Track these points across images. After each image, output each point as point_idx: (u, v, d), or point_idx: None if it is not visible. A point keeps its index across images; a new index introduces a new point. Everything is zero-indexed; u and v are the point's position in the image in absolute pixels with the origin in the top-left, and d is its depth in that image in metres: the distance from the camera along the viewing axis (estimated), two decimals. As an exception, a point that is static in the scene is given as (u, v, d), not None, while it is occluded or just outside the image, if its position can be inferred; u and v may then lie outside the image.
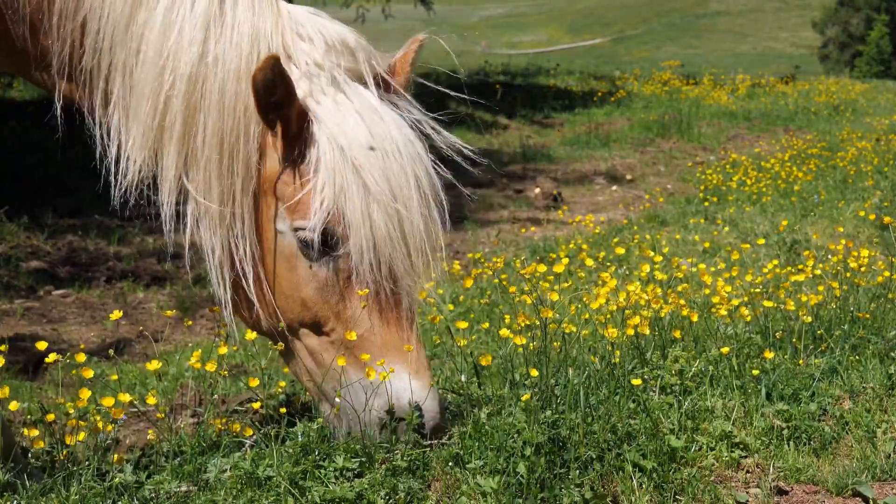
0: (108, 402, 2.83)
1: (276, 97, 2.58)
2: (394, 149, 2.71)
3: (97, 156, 2.73)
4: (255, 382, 3.21)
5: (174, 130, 2.63)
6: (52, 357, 2.84)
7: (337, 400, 2.76)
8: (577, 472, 2.78)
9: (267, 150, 2.69)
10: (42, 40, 2.72)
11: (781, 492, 2.97)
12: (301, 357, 2.83)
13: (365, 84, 2.78)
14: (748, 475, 3.05)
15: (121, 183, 2.70)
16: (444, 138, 2.91)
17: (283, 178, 2.69)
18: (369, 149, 2.66)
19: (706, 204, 11.00)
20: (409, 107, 2.89)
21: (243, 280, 2.71)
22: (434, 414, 2.76)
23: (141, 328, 6.83)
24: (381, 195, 2.66)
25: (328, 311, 2.74)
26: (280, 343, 2.86)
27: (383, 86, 2.83)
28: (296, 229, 2.69)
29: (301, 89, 2.67)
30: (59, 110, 2.76)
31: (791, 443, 3.21)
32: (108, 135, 2.71)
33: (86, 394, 2.78)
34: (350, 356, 2.74)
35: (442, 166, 2.88)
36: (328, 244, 2.68)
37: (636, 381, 3.33)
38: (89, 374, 2.86)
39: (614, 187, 13.13)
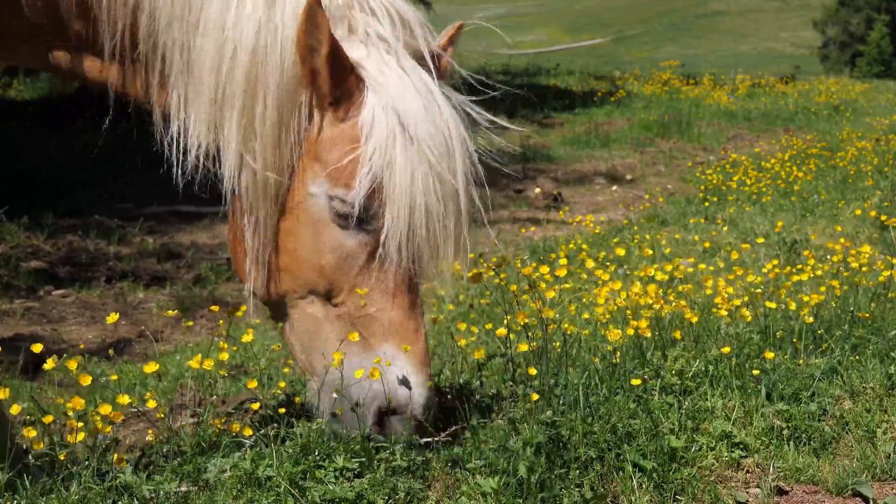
0: (105, 409, 2.81)
1: (311, 38, 2.52)
2: (446, 130, 2.67)
3: (157, 140, 2.68)
4: (253, 384, 3.21)
5: (235, 102, 2.59)
6: (50, 363, 2.83)
7: (327, 377, 2.70)
8: (577, 472, 2.78)
9: (313, 112, 2.65)
10: (81, 26, 2.67)
11: (781, 492, 2.98)
12: (298, 325, 2.79)
13: (422, 60, 2.74)
14: (748, 475, 3.05)
15: (182, 162, 2.65)
16: (490, 119, 2.87)
17: (329, 140, 2.64)
18: (427, 127, 2.62)
19: (706, 204, 11.00)
20: (452, 92, 2.84)
21: (266, 246, 2.69)
22: (422, 407, 2.70)
23: (141, 328, 6.83)
24: (431, 171, 2.61)
25: (344, 281, 2.69)
26: (276, 310, 2.82)
27: (435, 68, 2.78)
28: (333, 197, 2.64)
29: (356, 53, 2.63)
30: (112, 96, 2.73)
31: (791, 443, 3.21)
32: (168, 116, 2.67)
33: (80, 403, 2.75)
34: (354, 332, 2.69)
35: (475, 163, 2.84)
36: (364, 216, 2.63)
37: (636, 382, 3.33)
38: (87, 381, 2.84)
39: (614, 187, 13.13)
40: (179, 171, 2.65)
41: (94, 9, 2.64)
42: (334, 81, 2.59)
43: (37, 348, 2.93)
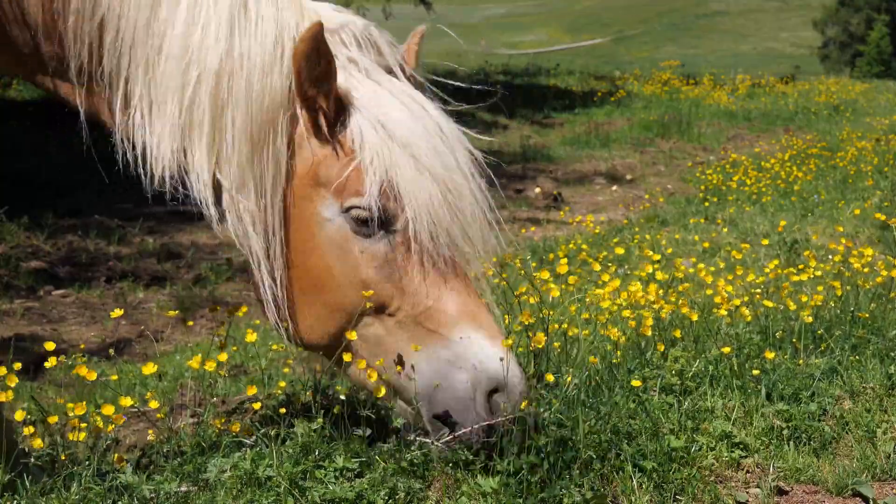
0: (108, 409, 2.81)
1: (319, 70, 2.54)
2: (435, 127, 2.70)
3: (119, 158, 2.68)
4: (252, 390, 3.20)
5: (203, 127, 2.59)
6: (51, 361, 2.83)
7: (419, 383, 2.63)
8: (577, 472, 2.78)
9: (298, 142, 2.66)
10: (50, 47, 2.68)
11: (781, 492, 2.98)
12: (365, 352, 2.73)
13: (393, 74, 2.77)
14: (748, 475, 3.05)
15: (148, 180, 2.66)
16: (463, 131, 2.87)
17: (325, 162, 2.65)
18: (415, 129, 2.65)
19: (706, 204, 11.01)
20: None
21: (276, 287, 2.66)
22: (520, 379, 2.66)
23: (141, 328, 6.83)
24: (432, 166, 2.64)
25: (391, 288, 2.66)
26: (329, 353, 2.76)
27: (406, 77, 2.82)
28: (348, 209, 2.63)
29: (339, 77, 2.64)
30: (83, 116, 2.72)
31: (791, 443, 3.21)
32: (130, 135, 2.67)
33: (81, 409, 2.75)
34: (423, 331, 2.66)
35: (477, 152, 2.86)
36: (384, 218, 2.64)
37: (636, 382, 3.33)
38: (92, 376, 2.85)
39: (614, 187, 13.13)
40: (148, 185, 2.66)
41: (60, 27, 2.64)
42: (338, 108, 2.63)
43: (50, 346, 2.93)
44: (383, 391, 2.72)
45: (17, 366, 2.75)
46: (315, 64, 2.54)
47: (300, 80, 2.57)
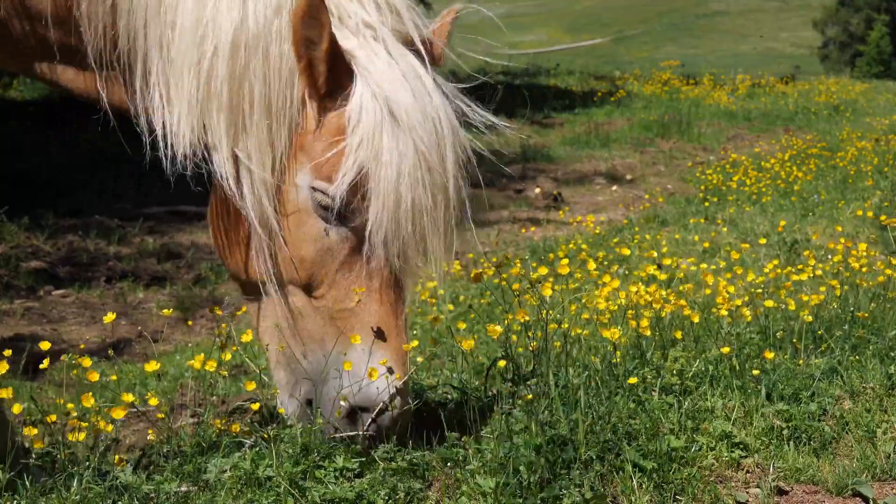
0: (117, 414, 2.81)
1: (311, 31, 2.49)
2: (436, 118, 2.63)
3: (144, 141, 2.64)
4: (251, 386, 3.20)
5: (221, 99, 2.55)
6: (45, 364, 2.83)
7: (305, 369, 2.68)
8: (577, 472, 2.78)
9: (305, 105, 2.61)
10: (60, 35, 2.65)
11: (781, 492, 2.97)
12: (275, 314, 2.74)
13: (412, 47, 2.69)
14: (748, 475, 3.05)
15: (172, 160, 2.61)
16: (480, 113, 2.81)
17: (315, 130, 2.60)
18: (417, 115, 2.57)
19: (706, 204, 11.01)
20: (445, 81, 2.79)
21: (272, 235, 2.64)
22: (398, 401, 2.65)
23: (141, 328, 6.83)
24: (420, 164, 2.57)
25: (324, 274, 2.65)
26: (252, 291, 2.77)
27: (427, 54, 2.73)
28: (315, 189, 2.60)
29: (348, 44, 2.59)
30: (105, 103, 2.68)
31: (791, 443, 3.21)
32: (151, 117, 2.64)
33: (89, 401, 2.75)
34: (332, 327, 2.67)
35: (477, 144, 2.79)
36: (345, 210, 2.59)
37: (635, 381, 3.33)
38: (94, 377, 2.84)
39: (614, 187, 13.13)
40: (169, 169, 2.62)
41: (74, 11, 2.61)
42: (331, 74, 2.56)
43: (45, 345, 2.93)
44: (273, 357, 2.77)
45: (4, 367, 2.73)
46: (307, 25, 2.48)
47: (296, 40, 2.51)
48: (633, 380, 3.31)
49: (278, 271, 2.69)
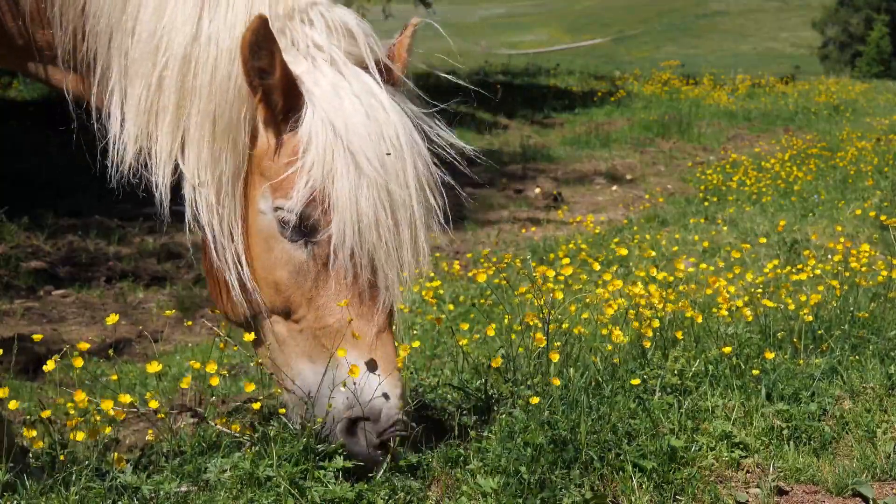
0: (107, 405, 2.81)
1: (261, 62, 2.51)
2: (392, 135, 2.64)
3: (98, 143, 2.69)
4: (251, 387, 3.20)
5: (168, 111, 2.59)
6: (50, 364, 2.83)
7: (292, 388, 2.70)
8: (578, 472, 2.78)
9: (258, 129, 2.63)
10: (42, 34, 2.70)
11: (781, 492, 2.98)
12: (268, 343, 2.76)
13: (366, 68, 2.70)
14: (748, 475, 3.05)
15: (117, 165, 2.65)
16: (441, 134, 2.82)
17: (270, 155, 2.63)
18: (368, 135, 2.59)
19: (706, 204, 11.01)
20: (407, 98, 2.80)
21: (233, 265, 2.66)
22: (395, 410, 2.64)
23: (141, 328, 6.83)
24: (374, 180, 2.58)
25: (300, 296, 2.66)
26: (251, 332, 2.81)
27: (385, 73, 2.74)
28: (276, 208, 2.62)
29: (299, 68, 2.61)
30: (70, 103, 2.72)
31: (791, 443, 3.21)
32: (108, 119, 2.67)
33: (81, 396, 2.76)
34: (317, 345, 2.67)
35: (439, 165, 2.79)
36: (307, 226, 2.61)
37: (636, 381, 3.33)
38: (79, 362, 2.84)
39: (614, 187, 13.13)
40: (113, 176, 2.65)
41: (49, 14, 2.66)
42: (286, 101, 2.58)
43: (37, 337, 2.92)
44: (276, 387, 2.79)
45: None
46: (256, 56, 2.49)
47: (245, 69, 2.53)
48: (635, 380, 3.31)
49: (256, 302, 2.71)
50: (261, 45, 2.49)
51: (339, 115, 2.59)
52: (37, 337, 2.90)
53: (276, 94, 2.57)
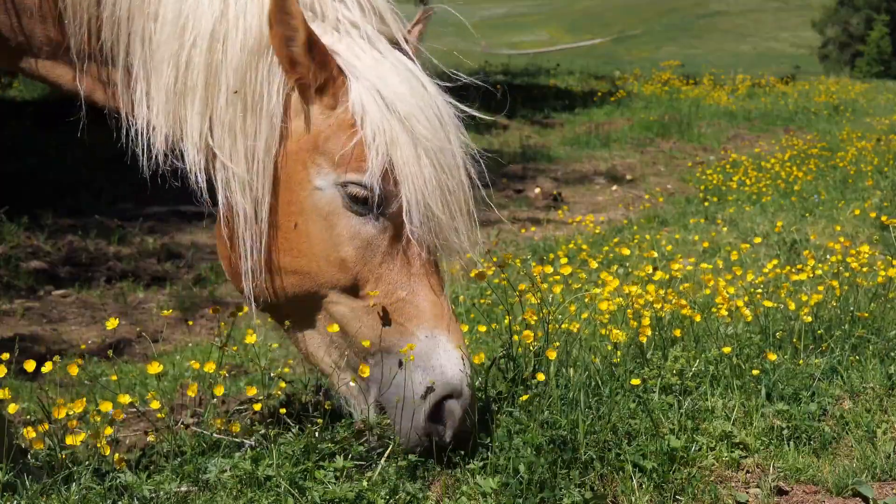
0: (106, 406, 2.81)
1: (286, 29, 2.49)
2: (434, 106, 2.65)
3: (124, 136, 2.65)
4: (252, 391, 3.20)
5: (196, 91, 2.56)
6: (48, 366, 2.83)
7: (367, 374, 2.62)
8: (577, 472, 2.78)
9: (294, 106, 2.61)
10: (45, 29, 2.66)
11: (781, 492, 2.98)
12: (322, 326, 2.70)
13: (397, 45, 2.72)
14: (748, 475, 3.05)
15: (147, 155, 2.61)
16: (463, 110, 2.83)
17: (325, 130, 2.60)
18: (417, 105, 2.60)
19: (706, 204, 11.00)
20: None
21: (259, 249, 2.61)
22: (468, 396, 2.63)
23: (141, 328, 6.83)
24: (429, 148, 2.59)
25: (368, 271, 2.62)
26: (285, 318, 2.74)
27: (410, 49, 2.77)
28: (345, 183, 2.58)
29: (331, 40, 2.60)
30: (83, 97, 2.68)
31: (791, 443, 3.21)
32: (133, 110, 2.64)
33: (80, 406, 2.75)
34: (388, 320, 2.63)
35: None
36: (378, 198, 2.59)
37: (636, 381, 3.33)
38: (74, 370, 2.83)
39: (614, 187, 13.13)
40: (146, 166, 2.62)
41: (60, 7, 2.62)
42: (317, 68, 2.56)
43: (36, 342, 2.93)
44: (331, 371, 2.72)
45: (2, 370, 2.73)
46: (280, 22, 2.49)
47: (275, 41, 2.52)
48: (636, 381, 3.31)
49: (317, 281, 2.65)
50: (283, 10, 2.47)
51: (386, 87, 2.59)
52: (35, 342, 2.90)
53: (303, 60, 2.54)
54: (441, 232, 2.65)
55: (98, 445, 2.79)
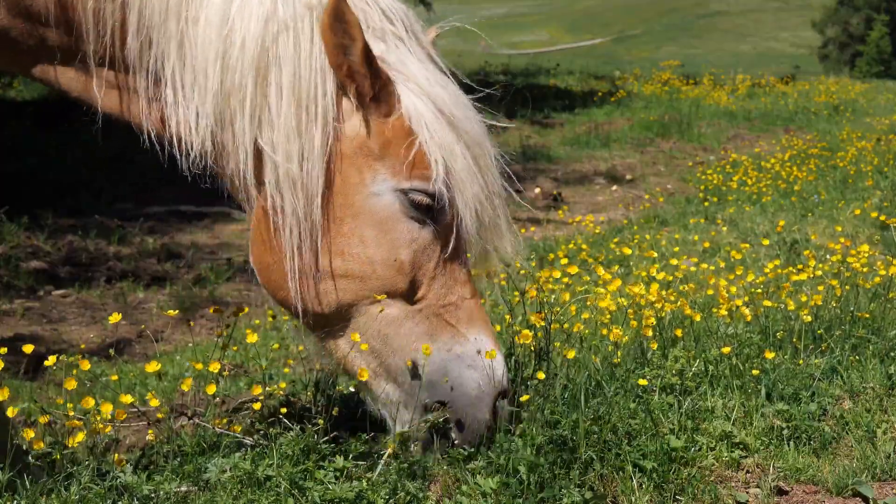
0: (107, 408, 2.81)
1: (343, 38, 2.51)
2: (473, 114, 2.75)
3: (145, 141, 2.64)
4: (257, 390, 3.20)
5: (245, 91, 2.55)
6: (51, 360, 2.83)
7: (425, 375, 2.64)
8: (577, 472, 2.78)
9: (347, 109, 2.62)
10: (58, 35, 2.63)
11: (781, 492, 2.98)
12: (370, 331, 2.67)
13: (429, 56, 2.79)
14: (748, 475, 3.05)
15: (183, 157, 2.60)
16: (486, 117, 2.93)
17: (383, 137, 2.62)
18: (460, 111, 2.69)
19: (706, 204, 11.01)
20: None
21: (310, 244, 2.61)
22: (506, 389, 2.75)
23: (141, 328, 6.83)
24: (474, 153, 2.67)
25: (422, 275, 2.67)
26: (327, 324, 2.71)
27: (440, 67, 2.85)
28: (407, 191, 2.61)
29: (376, 48, 2.62)
30: (100, 103, 2.66)
31: (791, 443, 3.21)
32: (161, 115, 2.62)
33: (89, 403, 2.75)
34: (439, 324, 2.67)
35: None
36: (438, 204, 2.64)
37: (643, 382, 3.33)
38: (72, 385, 2.81)
39: (614, 187, 13.13)
40: (184, 165, 2.61)
41: (79, 10, 2.59)
42: (373, 77, 2.59)
43: (27, 348, 2.93)
44: (366, 374, 2.71)
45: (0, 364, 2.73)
46: (338, 30, 2.50)
47: (329, 49, 2.54)
48: (642, 381, 3.31)
49: (370, 286, 2.65)
50: (339, 18, 2.49)
51: (436, 97, 2.66)
52: (27, 348, 2.90)
53: (361, 69, 2.56)
54: (490, 238, 2.74)
55: (98, 436, 2.79)
